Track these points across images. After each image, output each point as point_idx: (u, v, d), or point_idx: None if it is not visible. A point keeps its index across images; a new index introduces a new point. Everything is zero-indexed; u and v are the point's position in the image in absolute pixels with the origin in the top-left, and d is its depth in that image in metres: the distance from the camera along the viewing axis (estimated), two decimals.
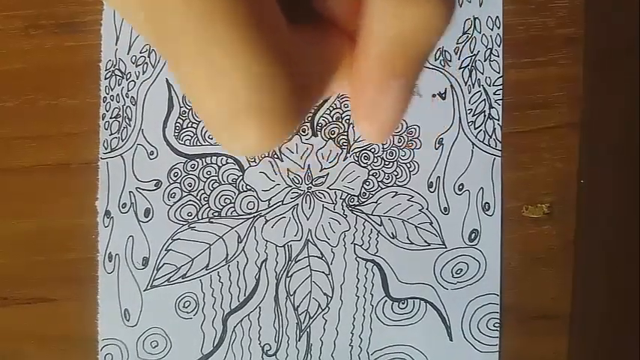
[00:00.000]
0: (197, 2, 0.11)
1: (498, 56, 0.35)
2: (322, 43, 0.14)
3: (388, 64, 0.14)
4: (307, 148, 0.35)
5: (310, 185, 0.35)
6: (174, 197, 0.35)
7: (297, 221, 0.35)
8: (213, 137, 0.13)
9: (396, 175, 0.35)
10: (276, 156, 0.35)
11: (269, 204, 0.35)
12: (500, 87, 0.35)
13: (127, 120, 0.35)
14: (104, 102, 0.35)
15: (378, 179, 0.35)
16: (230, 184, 0.35)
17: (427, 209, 0.35)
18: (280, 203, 0.35)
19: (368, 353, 0.36)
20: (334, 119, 0.35)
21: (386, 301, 0.35)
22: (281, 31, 0.12)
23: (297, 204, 0.35)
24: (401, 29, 0.13)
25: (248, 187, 0.35)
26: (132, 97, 0.35)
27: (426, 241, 0.35)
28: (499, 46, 0.35)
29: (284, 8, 0.12)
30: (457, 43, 0.35)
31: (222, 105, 0.12)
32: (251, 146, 0.12)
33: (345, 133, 0.35)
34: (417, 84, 0.14)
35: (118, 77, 0.35)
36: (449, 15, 0.13)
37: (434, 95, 0.35)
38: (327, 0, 0.14)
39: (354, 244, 0.35)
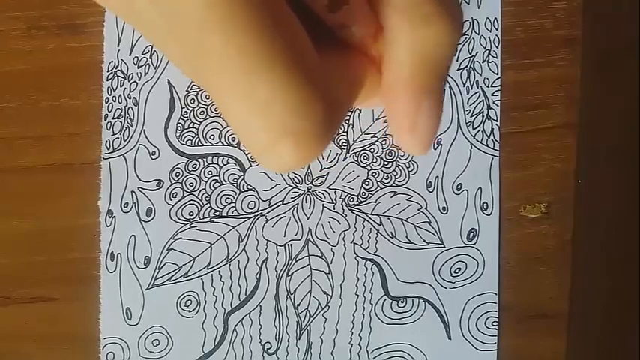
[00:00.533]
0: (238, 41, 0.12)
1: (496, 57, 0.36)
2: (347, 66, 0.15)
3: (416, 87, 0.14)
4: None
5: (310, 185, 0.35)
6: (175, 197, 0.35)
7: (298, 221, 0.35)
8: (253, 158, 0.14)
9: (395, 175, 0.36)
10: None
11: (269, 204, 0.35)
12: (499, 88, 0.36)
13: (129, 120, 0.35)
14: (106, 103, 0.35)
15: (378, 179, 0.35)
16: (231, 184, 0.35)
17: (426, 209, 0.36)
18: (281, 203, 0.35)
19: (367, 351, 0.36)
20: None
21: (385, 299, 0.36)
22: (313, 59, 0.13)
23: (298, 204, 0.35)
24: (421, 52, 0.14)
25: (249, 187, 0.35)
26: (134, 97, 0.35)
27: (424, 241, 0.36)
28: (497, 48, 0.36)
29: (311, 37, 0.13)
30: None
31: (261, 130, 0.13)
32: (289, 165, 0.13)
33: (345, 134, 0.35)
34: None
35: (120, 78, 0.35)
36: (460, 29, 0.14)
37: None
38: (349, 28, 0.14)
39: (354, 243, 0.36)
